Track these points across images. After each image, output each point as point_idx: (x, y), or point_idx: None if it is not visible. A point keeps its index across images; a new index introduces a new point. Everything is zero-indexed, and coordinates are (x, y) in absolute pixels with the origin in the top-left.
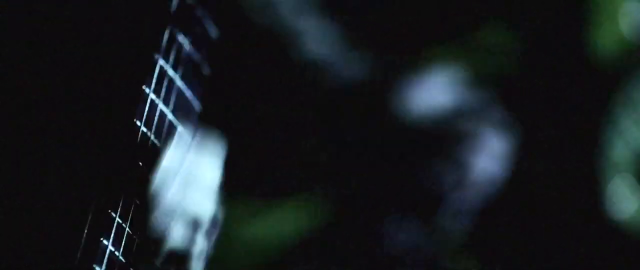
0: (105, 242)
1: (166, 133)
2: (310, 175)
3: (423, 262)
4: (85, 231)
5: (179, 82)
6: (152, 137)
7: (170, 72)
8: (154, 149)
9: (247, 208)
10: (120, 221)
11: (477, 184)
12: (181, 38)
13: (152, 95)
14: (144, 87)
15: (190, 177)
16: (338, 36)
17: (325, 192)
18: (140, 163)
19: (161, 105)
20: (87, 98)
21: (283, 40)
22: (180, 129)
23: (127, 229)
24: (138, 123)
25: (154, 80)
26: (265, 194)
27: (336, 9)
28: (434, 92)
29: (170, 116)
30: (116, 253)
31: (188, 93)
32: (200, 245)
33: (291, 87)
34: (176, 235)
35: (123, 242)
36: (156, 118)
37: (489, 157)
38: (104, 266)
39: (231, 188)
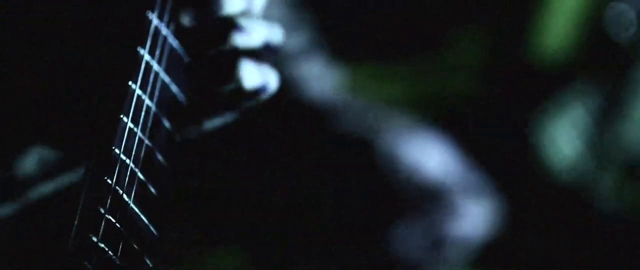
0: (94, 238)
1: (151, 128)
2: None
3: (423, 263)
4: (74, 228)
5: (164, 76)
6: (139, 133)
7: (156, 66)
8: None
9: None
10: (110, 217)
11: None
12: (165, 31)
13: (139, 91)
14: (130, 82)
15: None
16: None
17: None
18: (128, 159)
19: (147, 101)
20: (73, 94)
21: None
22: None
23: (116, 224)
24: (125, 119)
25: (140, 75)
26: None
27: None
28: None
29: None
30: (106, 249)
31: (173, 87)
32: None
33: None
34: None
35: (112, 238)
36: (142, 113)
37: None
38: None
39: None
